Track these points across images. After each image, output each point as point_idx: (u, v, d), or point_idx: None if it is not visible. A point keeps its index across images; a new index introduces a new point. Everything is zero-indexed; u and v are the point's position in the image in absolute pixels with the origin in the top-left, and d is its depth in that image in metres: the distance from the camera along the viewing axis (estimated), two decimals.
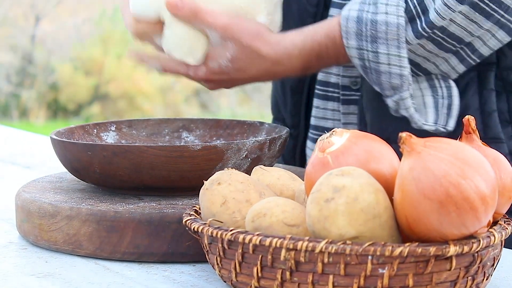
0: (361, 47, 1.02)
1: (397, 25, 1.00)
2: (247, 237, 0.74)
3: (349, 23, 1.02)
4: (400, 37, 1.00)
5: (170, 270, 0.88)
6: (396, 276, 0.71)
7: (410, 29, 1.01)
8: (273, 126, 1.12)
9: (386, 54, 1.01)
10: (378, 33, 1.01)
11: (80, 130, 1.11)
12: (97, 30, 7.74)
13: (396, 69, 1.01)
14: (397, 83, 1.02)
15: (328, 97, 1.18)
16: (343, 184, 0.71)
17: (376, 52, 1.01)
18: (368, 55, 1.02)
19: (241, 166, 0.98)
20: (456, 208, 0.69)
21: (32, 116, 7.32)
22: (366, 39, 1.01)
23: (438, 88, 1.05)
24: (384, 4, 1.01)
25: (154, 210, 0.90)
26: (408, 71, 1.01)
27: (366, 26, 1.01)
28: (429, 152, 0.71)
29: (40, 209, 0.94)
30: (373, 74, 1.03)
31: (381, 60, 1.02)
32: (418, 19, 1.00)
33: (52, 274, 0.87)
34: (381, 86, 1.04)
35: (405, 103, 1.03)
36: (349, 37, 1.02)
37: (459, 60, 1.04)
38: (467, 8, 0.98)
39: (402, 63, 1.01)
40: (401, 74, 1.01)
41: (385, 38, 1.01)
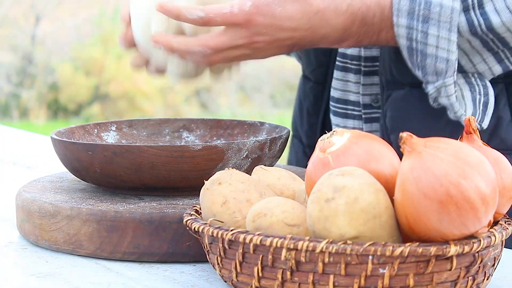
0: (411, 26, 0.99)
1: (452, 8, 0.98)
2: (248, 237, 0.74)
3: (402, 0, 0.99)
4: (453, 21, 0.98)
5: (171, 270, 0.88)
6: (396, 276, 0.71)
7: (465, 20, 0.99)
8: (274, 126, 1.12)
9: (436, 36, 0.98)
10: (431, 14, 0.98)
11: (80, 130, 1.11)
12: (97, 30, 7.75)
13: (444, 53, 0.99)
14: (442, 67, 0.99)
15: (348, 115, 1.17)
16: (343, 184, 0.71)
17: (426, 32, 0.99)
18: (417, 35, 0.99)
19: (242, 166, 0.98)
20: (456, 208, 0.69)
21: (32, 116, 7.32)
22: (418, 19, 0.98)
23: (475, 85, 1.04)
24: None
25: (154, 210, 0.90)
26: (455, 56, 0.99)
27: (420, 5, 0.98)
28: (430, 152, 0.71)
29: (41, 209, 0.94)
30: (419, 56, 1.00)
31: (430, 41, 0.99)
32: (473, 11, 0.98)
33: (52, 274, 0.87)
34: (424, 70, 1.01)
35: (448, 90, 1.01)
36: (400, 15, 0.99)
37: (497, 61, 1.03)
38: None
39: (451, 47, 0.99)
40: (448, 58, 0.99)
41: (437, 19, 0.98)
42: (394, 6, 0.99)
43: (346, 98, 1.17)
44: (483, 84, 1.04)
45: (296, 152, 1.30)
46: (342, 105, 1.17)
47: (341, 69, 1.17)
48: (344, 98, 1.17)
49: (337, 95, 1.17)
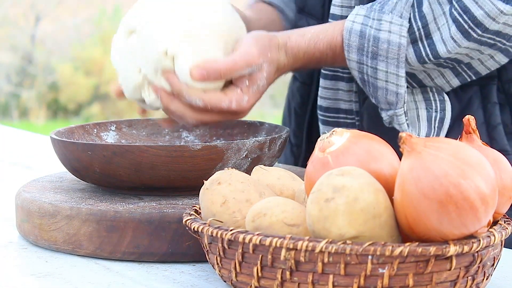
0: (361, 61, 1.04)
1: (399, 45, 1.02)
2: (247, 237, 0.74)
3: (351, 37, 1.04)
4: (400, 57, 1.02)
5: (170, 270, 0.88)
6: (396, 275, 0.71)
7: (412, 52, 1.03)
8: (273, 126, 1.12)
9: (385, 72, 1.03)
10: (379, 50, 1.03)
11: (80, 130, 1.11)
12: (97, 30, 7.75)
13: (393, 87, 1.04)
14: (393, 99, 1.05)
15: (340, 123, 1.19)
16: (343, 184, 0.71)
17: (375, 68, 1.04)
18: (367, 70, 1.04)
19: (241, 166, 0.98)
20: (456, 208, 0.69)
21: (32, 116, 7.32)
22: (367, 55, 1.03)
23: (432, 101, 1.08)
24: (388, 22, 1.03)
25: (154, 210, 0.90)
26: (404, 90, 1.04)
27: (369, 42, 1.03)
28: (429, 152, 0.71)
29: (40, 209, 0.94)
30: (371, 88, 1.06)
31: (379, 76, 1.04)
32: (420, 42, 1.02)
33: (52, 274, 0.87)
34: (377, 99, 1.06)
35: (399, 119, 1.06)
36: (350, 51, 1.04)
37: (454, 74, 1.07)
38: (472, 44, 1.01)
39: (399, 82, 1.03)
40: (397, 92, 1.04)
41: (385, 56, 1.03)
42: (344, 42, 1.05)
43: (337, 107, 1.19)
44: (440, 99, 1.08)
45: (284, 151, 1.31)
46: (333, 114, 1.19)
47: (330, 78, 1.18)
48: (334, 107, 1.19)
49: (326, 104, 1.19)
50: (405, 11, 1.03)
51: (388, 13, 1.03)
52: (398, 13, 1.03)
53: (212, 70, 0.98)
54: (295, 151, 1.28)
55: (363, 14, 1.04)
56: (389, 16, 1.03)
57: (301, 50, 1.06)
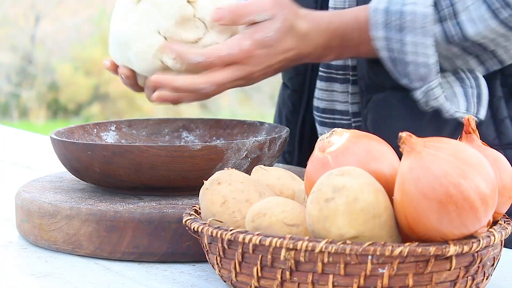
0: (388, 37, 1.02)
1: (424, 15, 1.00)
2: (247, 237, 0.74)
3: (377, 14, 1.02)
4: (426, 26, 1.00)
5: (170, 270, 0.88)
6: (396, 276, 0.71)
7: (440, 30, 1.01)
8: (273, 126, 1.12)
9: (413, 43, 1.01)
10: (405, 22, 1.01)
11: (80, 130, 1.11)
12: (97, 30, 7.74)
13: (423, 58, 1.01)
14: (424, 72, 1.02)
15: (336, 124, 1.18)
16: (343, 184, 0.71)
17: (402, 41, 1.02)
18: (395, 45, 1.02)
19: (241, 166, 0.98)
20: (456, 208, 0.69)
21: (32, 116, 7.32)
22: (394, 29, 1.02)
23: (465, 79, 1.06)
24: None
25: (154, 210, 0.90)
26: (434, 59, 1.01)
27: (395, 16, 1.01)
28: (429, 152, 0.71)
29: (40, 209, 0.94)
30: (401, 65, 1.03)
31: (408, 49, 1.02)
32: (449, 20, 1.01)
33: (52, 274, 0.87)
34: (409, 77, 1.03)
35: (434, 92, 1.03)
36: (377, 28, 1.02)
37: (478, 62, 1.06)
38: (501, 28, 1.00)
39: (428, 51, 1.01)
40: (427, 63, 1.01)
41: (411, 26, 1.01)
42: (370, 20, 1.03)
43: (333, 108, 1.18)
44: (473, 77, 1.06)
45: None
46: (329, 115, 1.19)
47: (325, 79, 1.18)
48: (330, 108, 1.19)
49: (323, 105, 1.19)
50: None
51: None
52: None
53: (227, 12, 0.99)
54: (287, 157, 1.28)
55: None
56: None
57: (325, 20, 1.04)
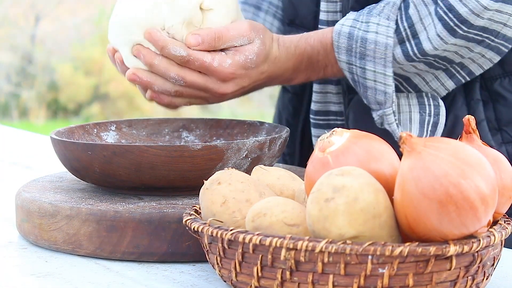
0: (350, 62, 1.07)
1: (385, 45, 1.05)
2: (247, 237, 0.74)
3: (340, 38, 1.07)
4: (387, 57, 1.05)
5: (170, 269, 0.88)
6: (396, 275, 0.71)
7: (400, 51, 1.05)
8: (273, 125, 1.12)
9: (373, 71, 1.06)
10: (367, 51, 1.05)
11: (80, 129, 1.11)
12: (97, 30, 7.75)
13: (381, 86, 1.06)
14: (381, 99, 1.07)
15: (330, 125, 1.21)
16: (343, 184, 0.71)
17: (363, 68, 1.06)
18: (356, 70, 1.07)
19: (241, 165, 0.98)
20: (456, 208, 0.69)
21: (32, 116, 7.32)
22: (355, 55, 1.06)
23: (426, 106, 1.10)
24: (376, 24, 1.06)
25: (154, 210, 0.90)
26: (392, 89, 1.06)
27: (357, 42, 1.06)
28: (429, 152, 0.71)
29: (40, 209, 0.94)
30: (361, 88, 1.08)
31: (368, 76, 1.06)
32: (408, 42, 1.05)
33: (52, 273, 0.87)
34: (367, 100, 1.09)
35: (388, 118, 1.08)
36: (340, 52, 1.07)
37: (448, 76, 1.09)
38: (459, 40, 1.03)
39: (387, 81, 1.06)
40: (385, 91, 1.06)
41: (373, 56, 1.05)
42: (334, 44, 1.08)
43: (327, 109, 1.20)
44: (435, 104, 1.10)
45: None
46: (323, 117, 1.21)
47: (320, 81, 1.20)
48: (324, 110, 1.21)
49: (316, 108, 1.21)
50: (392, 13, 1.06)
51: (376, 16, 1.06)
52: (385, 15, 1.06)
53: (207, 36, 1.02)
54: (288, 160, 1.30)
55: (352, 18, 1.08)
56: (376, 18, 1.06)
57: (293, 44, 1.08)
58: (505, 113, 1.13)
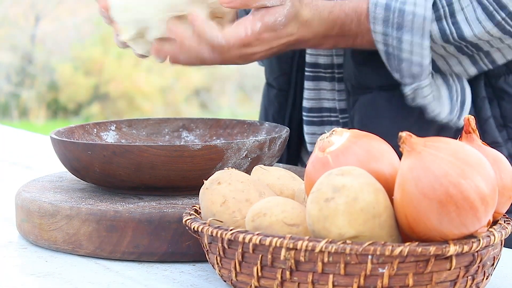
0: (386, 33, 1.05)
1: (424, 17, 1.03)
2: (247, 237, 0.74)
3: (377, 9, 1.05)
4: (425, 28, 1.03)
5: (170, 269, 0.88)
6: (396, 275, 0.71)
7: (437, 28, 1.04)
8: (273, 125, 1.12)
9: (410, 42, 1.04)
10: (404, 22, 1.04)
11: (80, 129, 1.11)
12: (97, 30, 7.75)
13: (418, 58, 1.05)
14: (417, 71, 1.05)
15: (324, 122, 1.20)
16: (343, 184, 0.71)
17: (400, 39, 1.04)
18: (392, 41, 1.05)
19: (241, 165, 0.98)
20: (456, 208, 0.69)
21: (32, 116, 7.32)
22: (392, 26, 1.04)
23: (452, 85, 1.09)
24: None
25: (154, 210, 0.90)
26: (428, 60, 1.05)
27: (394, 13, 1.04)
28: (429, 152, 0.71)
29: (40, 209, 0.94)
30: (395, 60, 1.06)
31: (404, 47, 1.05)
32: (445, 19, 1.04)
33: (52, 273, 0.87)
34: (401, 73, 1.06)
35: (423, 91, 1.06)
36: (376, 22, 1.05)
37: (472, 62, 1.09)
38: (496, 31, 1.03)
39: (424, 52, 1.04)
40: (421, 63, 1.05)
41: (410, 27, 1.04)
42: (370, 14, 1.05)
43: (321, 106, 1.20)
44: (460, 85, 1.09)
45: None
46: (316, 114, 1.20)
47: (312, 78, 1.20)
48: (318, 107, 1.20)
49: (310, 105, 1.20)
50: None
51: None
52: None
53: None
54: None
55: None
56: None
57: (327, 9, 1.06)
58: (510, 110, 1.13)
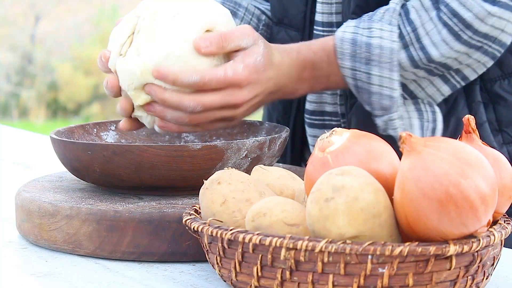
0: (354, 68, 1.06)
1: (391, 49, 1.05)
2: (247, 237, 0.74)
3: (344, 44, 1.06)
4: (393, 61, 1.05)
5: (170, 269, 0.88)
6: (396, 275, 0.71)
7: (405, 56, 1.05)
8: (273, 125, 1.12)
9: (379, 76, 1.05)
10: (372, 56, 1.05)
11: (80, 129, 1.11)
12: (97, 30, 7.74)
13: (387, 91, 1.06)
14: (387, 104, 1.06)
15: (325, 125, 1.21)
16: (343, 184, 0.71)
17: (369, 73, 1.06)
18: (361, 76, 1.06)
19: (241, 165, 0.98)
20: (456, 208, 0.69)
21: (32, 116, 7.32)
22: (360, 61, 1.06)
23: (423, 112, 1.10)
24: (378, 29, 1.05)
25: (154, 210, 0.90)
26: (398, 93, 1.06)
27: (361, 48, 1.05)
28: (429, 152, 0.71)
29: (40, 209, 0.94)
30: (365, 94, 1.07)
31: (373, 81, 1.06)
32: (412, 46, 1.05)
33: (52, 273, 0.87)
34: (371, 106, 1.08)
35: (394, 123, 1.08)
36: (343, 58, 1.06)
37: (443, 81, 1.09)
38: (462, 47, 1.04)
39: (393, 86, 1.06)
40: (391, 95, 1.06)
41: (378, 60, 1.05)
42: (337, 50, 1.06)
43: (322, 109, 1.20)
44: (432, 111, 1.10)
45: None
46: (318, 117, 1.21)
47: None
48: (320, 110, 1.21)
49: (312, 108, 1.21)
50: (393, 19, 1.06)
51: (377, 22, 1.06)
52: (387, 21, 1.05)
53: (214, 38, 0.99)
54: (279, 161, 1.28)
55: (353, 25, 1.07)
56: (378, 24, 1.05)
57: (294, 50, 1.06)
58: (505, 114, 1.13)
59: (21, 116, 7.34)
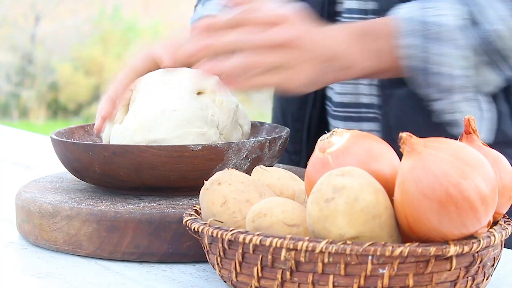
0: (417, 46, 1.00)
1: (454, 27, 0.99)
2: (248, 237, 0.74)
3: (403, 22, 1.00)
4: (456, 39, 0.99)
5: (170, 270, 0.88)
6: (396, 276, 0.71)
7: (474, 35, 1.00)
8: (273, 126, 1.12)
9: (443, 55, 1.00)
10: (436, 34, 0.99)
11: (80, 130, 1.11)
12: (97, 30, 7.75)
13: (447, 69, 1.00)
14: (448, 85, 1.00)
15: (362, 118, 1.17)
16: (343, 184, 0.71)
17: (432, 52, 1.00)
18: (421, 55, 1.00)
19: (242, 166, 0.98)
20: (456, 208, 0.69)
21: (32, 116, 7.32)
22: (421, 38, 1.00)
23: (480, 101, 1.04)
24: (443, 7, 1.00)
25: (154, 210, 0.90)
26: (464, 72, 1.00)
27: (421, 25, 1.00)
28: (430, 152, 0.71)
29: (40, 209, 0.94)
30: (427, 75, 1.01)
31: (438, 61, 1.00)
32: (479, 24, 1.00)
33: (52, 274, 0.87)
34: (430, 88, 1.02)
35: (453, 106, 1.02)
36: (405, 36, 1.00)
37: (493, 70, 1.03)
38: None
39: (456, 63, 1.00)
40: (453, 75, 1.00)
41: (440, 38, 0.99)
42: (398, 28, 1.00)
43: (358, 101, 1.17)
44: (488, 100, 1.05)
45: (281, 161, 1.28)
46: (354, 109, 1.17)
47: None
48: (355, 102, 1.17)
49: (348, 100, 1.17)
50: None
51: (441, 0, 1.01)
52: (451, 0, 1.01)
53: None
54: (294, 158, 1.26)
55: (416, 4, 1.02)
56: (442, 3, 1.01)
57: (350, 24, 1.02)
58: None
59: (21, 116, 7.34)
